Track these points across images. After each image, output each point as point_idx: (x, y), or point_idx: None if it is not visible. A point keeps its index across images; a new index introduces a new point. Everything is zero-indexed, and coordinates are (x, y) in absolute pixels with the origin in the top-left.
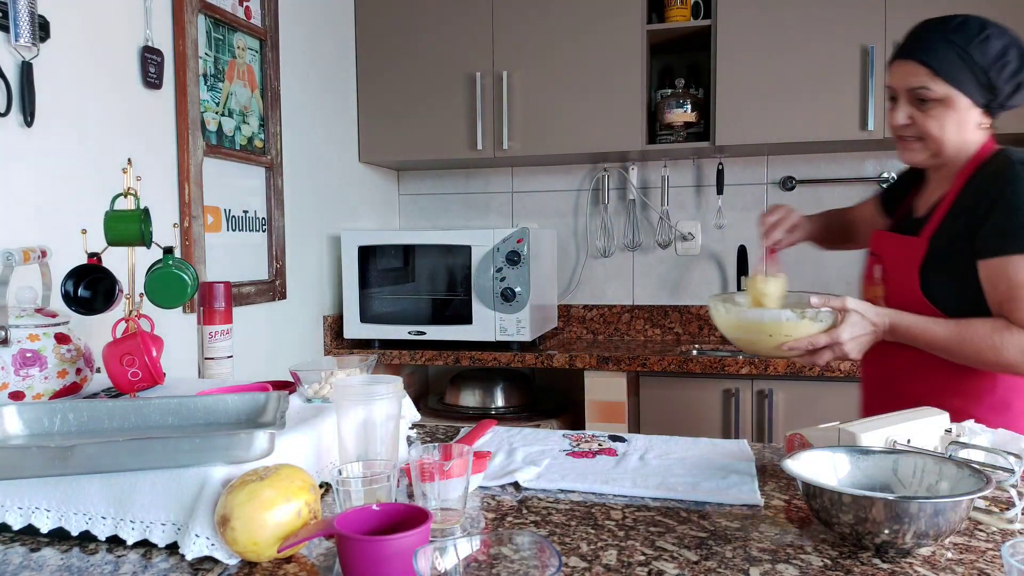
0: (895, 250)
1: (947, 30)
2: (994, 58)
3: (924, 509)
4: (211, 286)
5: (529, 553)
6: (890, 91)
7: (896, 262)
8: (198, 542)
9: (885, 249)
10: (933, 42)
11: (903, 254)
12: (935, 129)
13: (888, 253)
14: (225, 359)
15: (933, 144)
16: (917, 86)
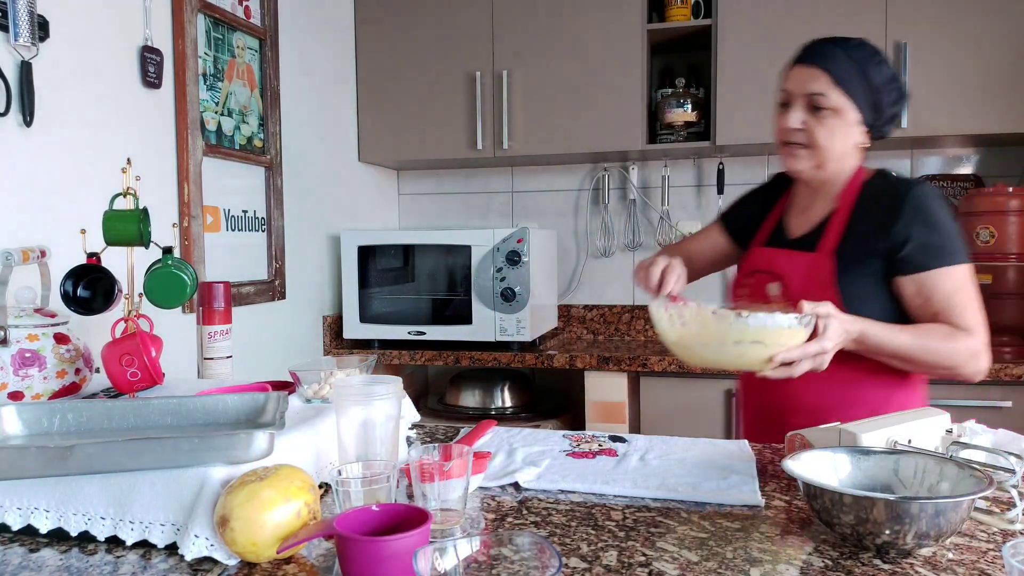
0: (795, 266)
1: (848, 46)
2: (885, 81)
3: (925, 510)
4: (210, 286)
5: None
6: (784, 95)
7: (802, 278)
8: (197, 543)
9: (780, 266)
10: (835, 54)
11: (807, 271)
12: (824, 138)
13: (786, 270)
14: (224, 359)
15: (820, 154)
16: (816, 91)
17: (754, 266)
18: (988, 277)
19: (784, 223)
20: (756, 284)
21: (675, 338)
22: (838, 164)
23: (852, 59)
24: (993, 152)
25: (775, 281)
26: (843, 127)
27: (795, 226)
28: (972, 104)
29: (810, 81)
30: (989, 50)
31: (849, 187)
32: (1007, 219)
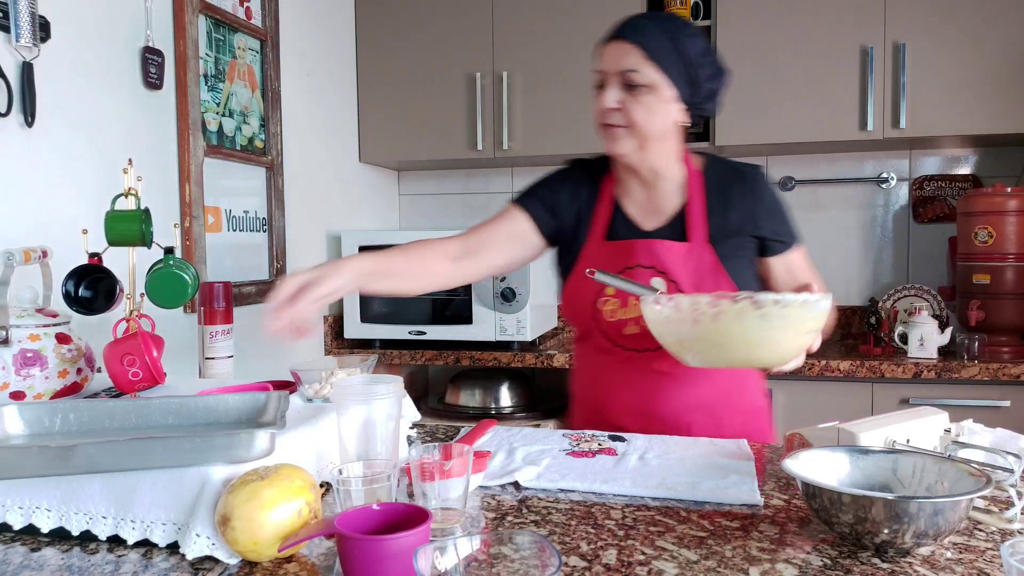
0: (678, 258)
1: (658, 19)
2: (699, 53)
3: (923, 509)
4: (211, 286)
5: (529, 552)
6: (600, 77)
7: (690, 270)
8: (199, 542)
9: (663, 258)
10: (646, 27)
11: (694, 262)
12: (642, 116)
13: (671, 262)
14: (225, 359)
15: (639, 133)
16: (629, 68)
17: (634, 260)
18: (987, 277)
19: (628, 216)
20: (639, 278)
21: (689, 336)
22: (660, 144)
23: (663, 31)
24: (991, 152)
25: (657, 276)
26: (660, 104)
27: (643, 219)
28: (971, 104)
29: (623, 57)
30: (989, 50)
31: (691, 177)
32: (1005, 219)
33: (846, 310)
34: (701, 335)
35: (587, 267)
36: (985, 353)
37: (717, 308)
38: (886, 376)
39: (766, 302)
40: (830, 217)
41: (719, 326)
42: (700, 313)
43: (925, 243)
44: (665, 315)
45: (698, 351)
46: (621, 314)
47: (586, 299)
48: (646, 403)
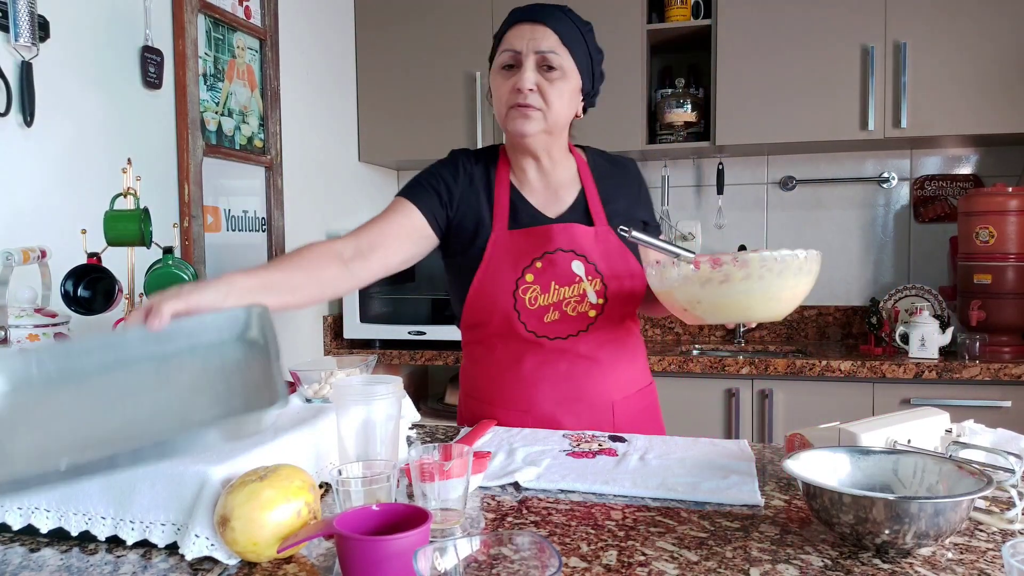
0: (590, 242)
1: (566, 9)
2: (596, 50)
3: (924, 509)
4: None
5: (529, 553)
6: (512, 56)
7: (602, 252)
8: (198, 542)
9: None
10: (560, 15)
11: (604, 246)
12: (556, 98)
13: (588, 246)
14: None
15: (551, 116)
16: (548, 50)
17: (552, 244)
18: (988, 277)
19: (530, 205)
20: (559, 263)
21: (700, 294)
22: (562, 132)
23: (573, 22)
24: (992, 152)
25: (577, 259)
26: (569, 91)
27: (545, 206)
28: (972, 104)
29: (542, 39)
30: (990, 49)
31: (581, 166)
32: (1006, 219)
33: (847, 310)
34: (725, 293)
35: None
36: (986, 353)
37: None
38: (887, 376)
39: (775, 253)
40: (831, 217)
41: (730, 277)
42: (729, 272)
43: (926, 243)
44: (681, 276)
45: (715, 309)
46: (542, 300)
47: (505, 287)
48: (575, 389)
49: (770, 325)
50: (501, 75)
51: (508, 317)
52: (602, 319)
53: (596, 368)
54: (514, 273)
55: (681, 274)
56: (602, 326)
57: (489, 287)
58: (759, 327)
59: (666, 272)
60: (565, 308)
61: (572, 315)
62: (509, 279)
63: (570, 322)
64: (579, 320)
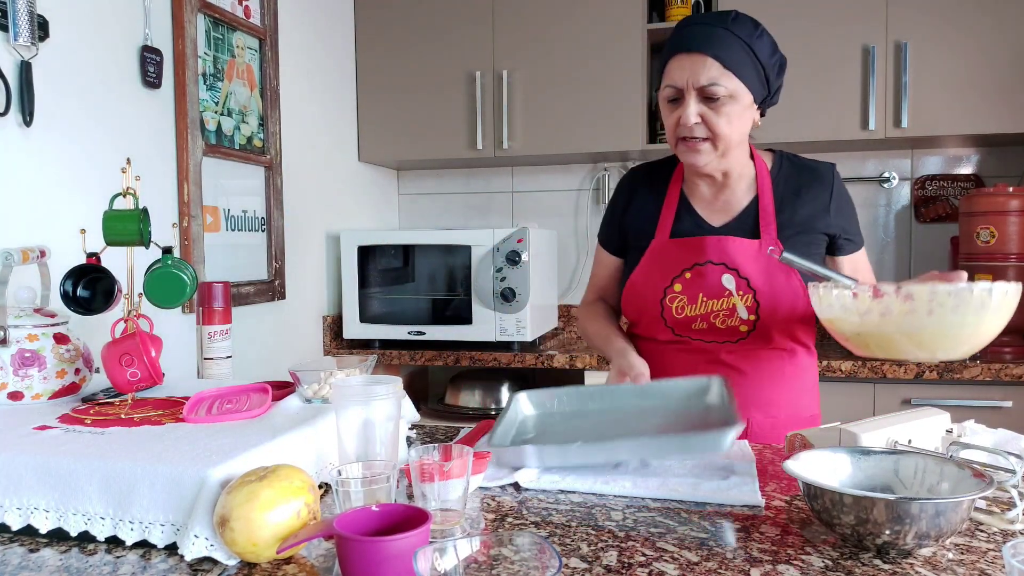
0: (748, 255)
1: (728, 23)
2: (769, 53)
3: (925, 510)
4: (210, 286)
5: (529, 554)
6: (673, 91)
7: (761, 266)
8: (197, 543)
9: (734, 255)
10: (720, 35)
11: (765, 259)
12: (725, 127)
13: (741, 259)
14: (224, 359)
15: (722, 144)
16: (709, 83)
17: (704, 256)
18: (988, 277)
19: (696, 214)
20: (708, 275)
21: (860, 326)
22: (739, 148)
23: (738, 38)
24: (993, 152)
25: (728, 273)
26: (740, 111)
27: (711, 216)
28: (973, 104)
29: (701, 71)
30: (991, 49)
31: (760, 173)
32: (1007, 219)
33: None
34: (934, 323)
35: (651, 261)
36: (987, 353)
37: (955, 295)
38: (888, 376)
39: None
40: None
41: (956, 316)
42: (937, 302)
43: (927, 243)
44: (890, 304)
45: (878, 343)
46: (689, 311)
47: (653, 295)
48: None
49: None
50: (667, 107)
51: (654, 322)
52: (754, 336)
53: (737, 378)
54: (663, 282)
55: (840, 302)
56: (754, 342)
57: (639, 291)
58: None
59: (823, 298)
60: (713, 321)
61: (721, 327)
62: (658, 287)
63: (719, 333)
64: (728, 333)
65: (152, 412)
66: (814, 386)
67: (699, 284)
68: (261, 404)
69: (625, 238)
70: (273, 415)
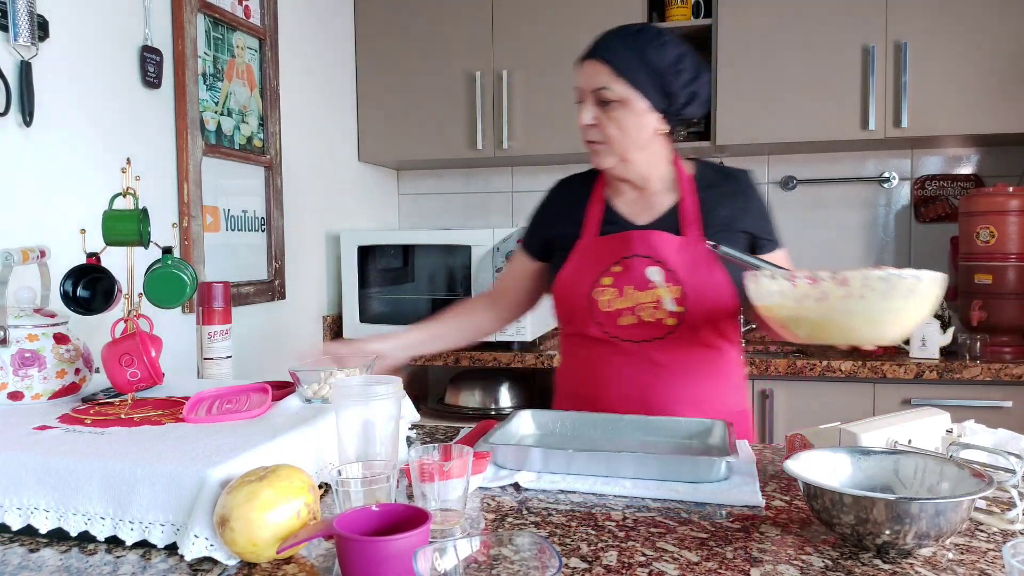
0: (674, 250)
1: (627, 34)
2: (670, 63)
3: (925, 510)
4: (210, 286)
5: (529, 554)
6: (578, 93)
7: (687, 261)
8: (197, 543)
9: (660, 249)
10: (614, 44)
11: (691, 253)
12: (615, 131)
13: (667, 252)
14: (224, 359)
15: (617, 147)
16: (599, 86)
17: (630, 249)
18: (988, 277)
19: (621, 214)
20: (636, 268)
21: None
22: (643, 153)
23: (630, 47)
24: (993, 152)
25: (655, 265)
26: (632, 117)
27: (635, 215)
28: (973, 103)
29: (594, 76)
30: (991, 49)
31: (682, 177)
32: (1007, 219)
33: None
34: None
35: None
36: (987, 353)
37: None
38: (888, 376)
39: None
40: (831, 217)
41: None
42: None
43: (927, 243)
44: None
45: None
46: (617, 304)
47: (582, 290)
48: (640, 393)
49: None
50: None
51: (584, 317)
52: (682, 328)
53: (666, 376)
54: (592, 275)
55: (778, 288)
56: (682, 336)
57: (569, 287)
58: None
59: (762, 285)
60: (640, 313)
61: (649, 320)
62: (587, 281)
63: (646, 328)
64: (656, 327)
65: (152, 412)
66: (741, 382)
67: (627, 277)
68: (261, 404)
69: (549, 242)
70: (273, 415)
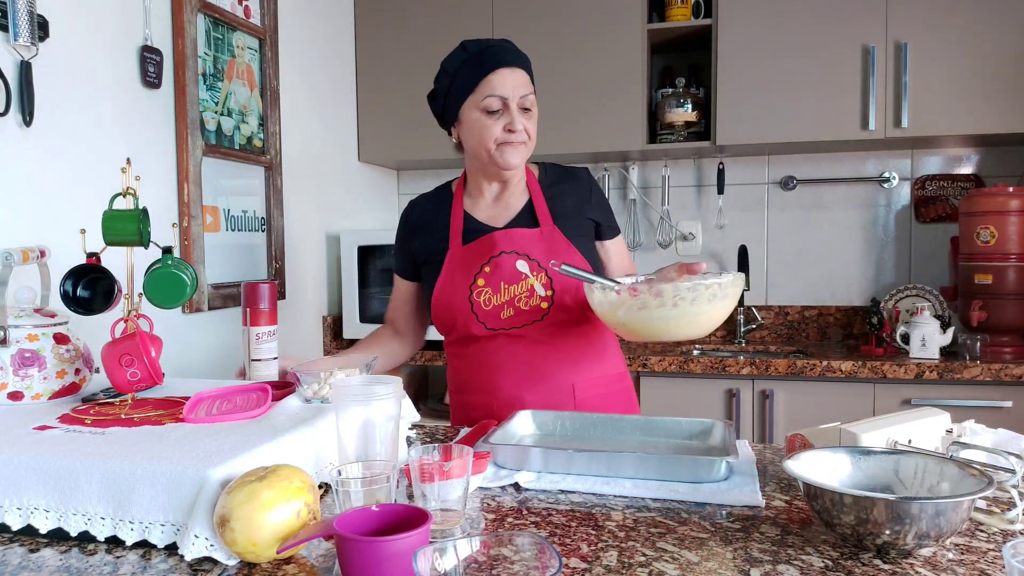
0: (534, 242)
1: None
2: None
3: (925, 510)
4: (256, 287)
5: (529, 554)
6: (499, 101)
7: (546, 249)
8: (197, 543)
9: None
10: (520, 54)
11: (548, 243)
12: (534, 130)
13: (529, 246)
14: (271, 360)
15: (531, 145)
16: (528, 92)
17: (496, 248)
18: (988, 277)
19: (480, 221)
20: (504, 264)
21: (622, 318)
22: None
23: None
24: (993, 152)
25: (521, 258)
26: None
27: (494, 219)
28: (973, 103)
29: (522, 84)
30: (991, 49)
31: (530, 179)
32: (1008, 219)
33: (848, 310)
34: (678, 314)
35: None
36: (987, 353)
37: (696, 291)
38: (888, 376)
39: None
40: (832, 217)
41: (694, 306)
42: (680, 296)
43: (927, 243)
44: (645, 300)
45: (638, 330)
46: (495, 300)
47: (460, 294)
48: (534, 371)
49: (770, 325)
50: (486, 116)
51: (467, 319)
52: (555, 309)
53: (553, 351)
54: (466, 280)
55: (607, 299)
56: (556, 315)
57: (447, 295)
58: (759, 327)
59: (595, 296)
60: (518, 304)
61: (525, 309)
62: (463, 285)
63: (524, 315)
64: (533, 312)
65: (152, 412)
66: (616, 344)
67: (498, 274)
68: (261, 404)
69: (417, 262)
70: (273, 415)
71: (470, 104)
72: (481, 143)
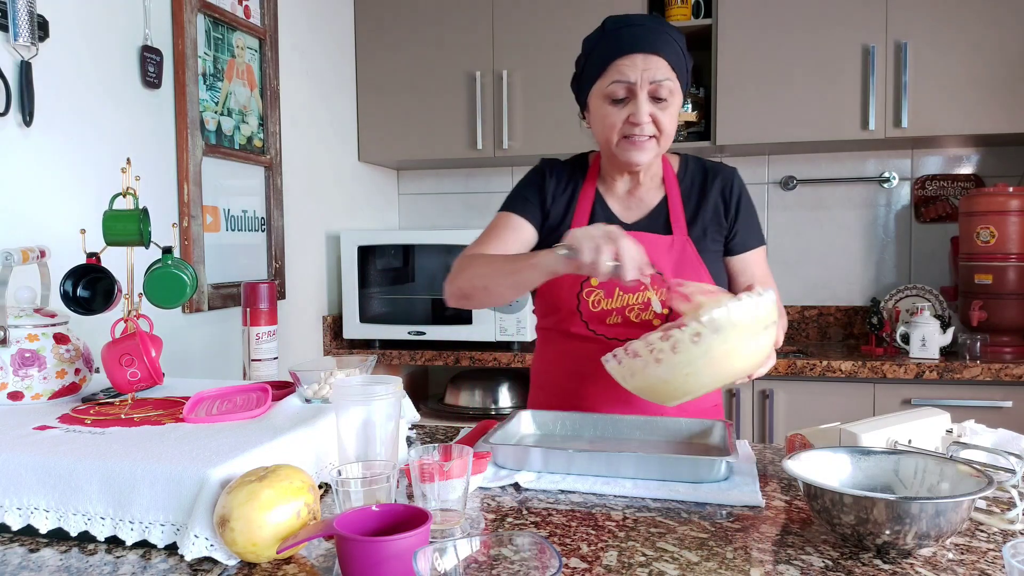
0: (662, 250)
1: (667, 26)
2: (689, 57)
3: (925, 510)
4: (255, 287)
5: (529, 554)
6: (625, 88)
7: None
8: (197, 543)
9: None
10: (663, 35)
11: (677, 254)
12: (670, 125)
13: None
14: (271, 360)
15: (665, 141)
16: (661, 79)
17: None
18: (988, 277)
19: (610, 211)
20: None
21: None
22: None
23: (675, 40)
24: (993, 152)
25: None
26: (677, 109)
27: (624, 212)
28: (973, 103)
29: (654, 70)
30: (991, 49)
31: (668, 173)
32: (1008, 219)
33: (848, 310)
34: (668, 370)
35: None
36: (987, 353)
37: (671, 339)
38: (888, 376)
39: (708, 323)
40: (832, 217)
41: (679, 355)
42: (658, 349)
43: (927, 243)
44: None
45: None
46: (605, 304)
47: (569, 289)
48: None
49: None
50: (610, 105)
51: (570, 316)
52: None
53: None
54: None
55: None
56: None
57: (556, 286)
58: None
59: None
60: (628, 314)
61: (635, 321)
62: (575, 280)
63: (633, 328)
64: (642, 327)
65: (152, 412)
66: None
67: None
68: (261, 404)
69: (545, 217)
70: (273, 415)
71: (597, 90)
72: (603, 135)
